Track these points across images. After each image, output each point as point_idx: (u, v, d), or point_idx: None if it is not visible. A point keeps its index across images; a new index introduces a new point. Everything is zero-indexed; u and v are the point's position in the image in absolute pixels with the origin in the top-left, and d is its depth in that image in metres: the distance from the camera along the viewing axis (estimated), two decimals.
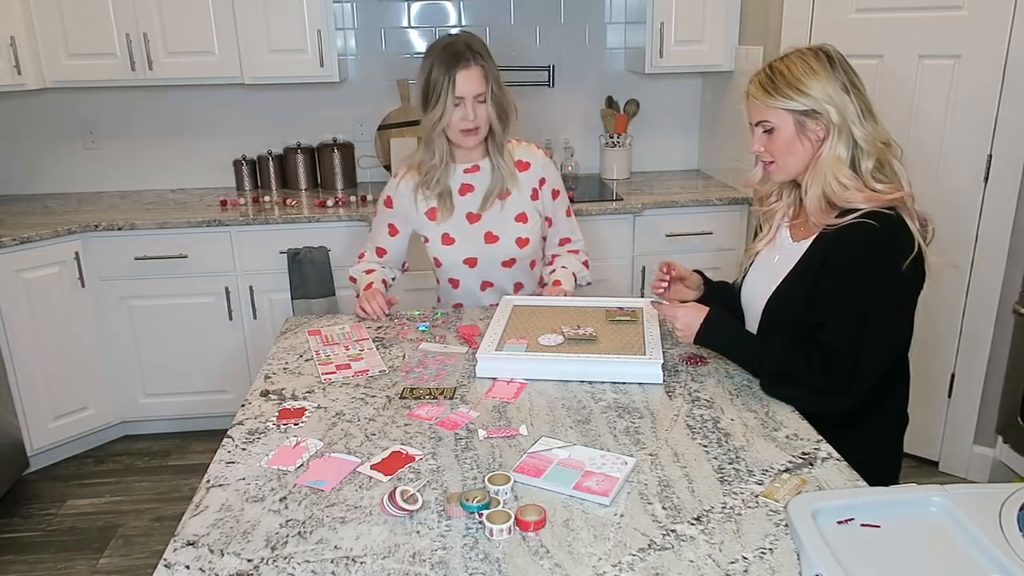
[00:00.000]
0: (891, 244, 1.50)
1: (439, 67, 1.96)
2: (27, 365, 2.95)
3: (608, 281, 3.23)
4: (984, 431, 2.80)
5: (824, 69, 1.56)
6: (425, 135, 2.06)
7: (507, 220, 2.13)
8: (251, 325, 3.19)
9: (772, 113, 1.58)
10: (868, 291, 1.51)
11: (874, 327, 1.51)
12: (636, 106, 3.65)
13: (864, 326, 1.50)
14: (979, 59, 2.55)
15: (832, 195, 1.56)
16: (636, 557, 1.12)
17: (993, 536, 1.07)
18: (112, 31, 3.10)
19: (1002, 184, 2.59)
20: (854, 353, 1.51)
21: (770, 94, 1.57)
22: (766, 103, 1.58)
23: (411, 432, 1.48)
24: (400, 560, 1.12)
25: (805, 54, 1.58)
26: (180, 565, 1.13)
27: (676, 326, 1.70)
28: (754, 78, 1.62)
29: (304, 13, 3.13)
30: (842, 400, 1.54)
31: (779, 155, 1.61)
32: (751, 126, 1.66)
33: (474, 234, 2.13)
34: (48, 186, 3.58)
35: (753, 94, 1.61)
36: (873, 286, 1.51)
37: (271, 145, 3.58)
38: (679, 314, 1.69)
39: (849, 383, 1.52)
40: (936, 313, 2.76)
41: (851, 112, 1.55)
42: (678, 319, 1.69)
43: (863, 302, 1.51)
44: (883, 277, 1.51)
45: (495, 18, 3.56)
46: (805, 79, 1.55)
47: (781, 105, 1.56)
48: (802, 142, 1.58)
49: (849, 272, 1.52)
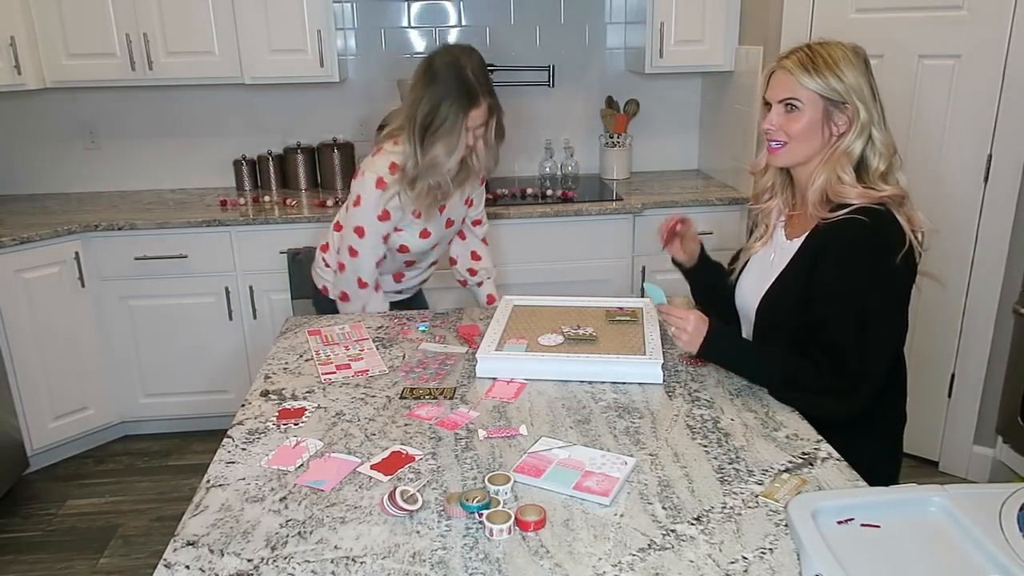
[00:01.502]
0: (883, 237, 1.51)
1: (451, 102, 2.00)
2: (27, 365, 2.95)
3: (608, 281, 3.24)
4: (984, 431, 2.80)
5: (862, 67, 1.57)
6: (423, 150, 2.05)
7: (459, 204, 2.30)
8: (251, 325, 3.19)
9: (804, 92, 1.56)
10: (865, 285, 1.51)
11: (876, 321, 1.51)
12: (636, 106, 3.65)
13: (866, 321, 1.50)
14: (979, 59, 2.55)
15: (829, 188, 1.56)
16: (636, 557, 1.12)
17: (993, 536, 1.07)
18: (112, 31, 3.10)
19: (1002, 184, 2.59)
20: (860, 348, 1.50)
21: (808, 72, 1.55)
22: (801, 80, 1.55)
23: (411, 432, 1.49)
24: (400, 560, 1.12)
25: (846, 47, 1.58)
26: (180, 565, 1.13)
27: (684, 334, 1.62)
28: (791, 54, 1.60)
29: (304, 13, 3.14)
30: (854, 398, 1.53)
31: (795, 137, 1.58)
32: (765, 104, 1.64)
33: (440, 222, 2.26)
34: (48, 186, 3.58)
35: (789, 68, 1.57)
36: (870, 280, 1.51)
37: (271, 145, 3.58)
38: (690, 320, 1.62)
39: (860, 379, 1.51)
40: (936, 313, 2.76)
41: (875, 115, 1.57)
42: (690, 324, 1.61)
43: (862, 296, 1.51)
44: (879, 270, 1.51)
45: (495, 18, 3.56)
46: (846, 69, 1.54)
47: (816, 86, 1.54)
48: (823, 130, 1.57)
49: (844, 268, 1.52)
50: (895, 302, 1.55)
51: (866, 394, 1.54)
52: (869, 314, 1.51)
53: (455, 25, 3.56)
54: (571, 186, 3.46)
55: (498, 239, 3.17)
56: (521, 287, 2.68)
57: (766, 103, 1.65)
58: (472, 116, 2.02)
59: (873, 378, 1.53)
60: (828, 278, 1.54)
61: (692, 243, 1.89)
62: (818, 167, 1.59)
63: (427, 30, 3.55)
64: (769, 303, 1.66)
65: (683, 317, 1.62)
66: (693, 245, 1.89)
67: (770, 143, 1.64)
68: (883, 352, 1.54)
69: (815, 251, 1.58)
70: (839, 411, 1.54)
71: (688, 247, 1.89)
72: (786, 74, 1.58)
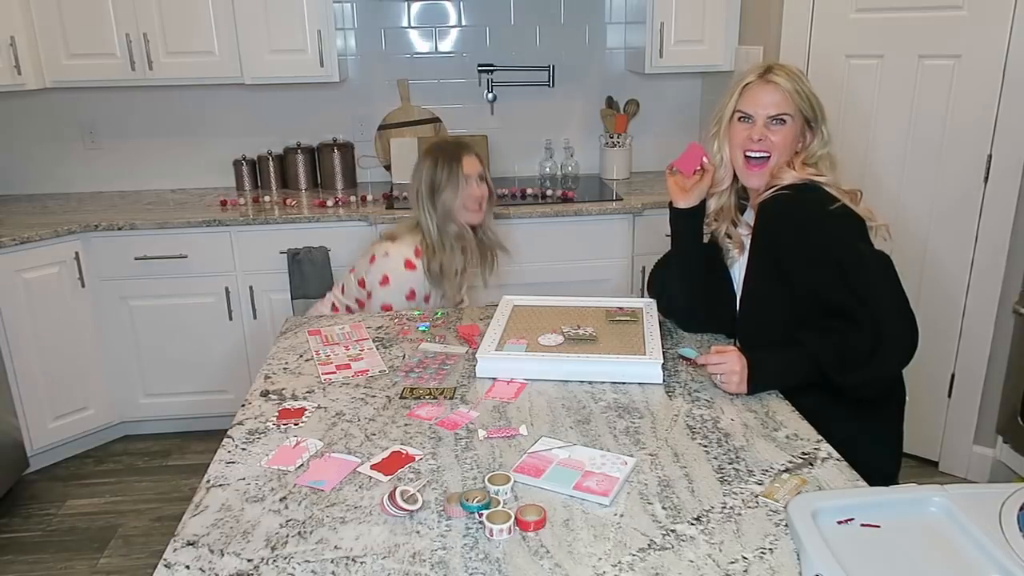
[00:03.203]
0: (813, 196, 1.58)
1: (444, 159, 2.27)
2: (27, 365, 2.95)
3: (608, 281, 3.24)
4: (984, 431, 2.80)
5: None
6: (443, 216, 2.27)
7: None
8: (251, 325, 3.19)
9: (792, 107, 1.65)
10: (820, 239, 1.55)
11: (857, 266, 1.52)
12: (636, 106, 3.65)
13: (848, 271, 1.52)
14: (979, 59, 2.55)
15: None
16: (636, 557, 1.12)
17: (993, 536, 1.07)
18: (112, 31, 3.10)
19: (1002, 184, 2.59)
20: (858, 297, 1.50)
21: (798, 89, 1.64)
22: (792, 96, 1.64)
23: (411, 432, 1.49)
24: (400, 560, 1.12)
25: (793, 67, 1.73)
26: (180, 565, 1.13)
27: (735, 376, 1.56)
28: (779, 69, 1.66)
29: (304, 13, 3.14)
30: (896, 339, 1.50)
31: (780, 150, 1.65)
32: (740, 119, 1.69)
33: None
34: (48, 186, 3.58)
35: (784, 84, 1.64)
36: (820, 232, 1.55)
37: (271, 145, 3.58)
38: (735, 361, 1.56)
39: (885, 323, 1.50)
40: (936, 313, 2.76)
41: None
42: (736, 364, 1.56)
43: (832, 251, 1.54)
44: (820, 221, 1.56)
45: (495, 18, 3.56)
46: (810, 88, 1.69)
47: (799, 102, 1.64)
48: (795, 144, 1.67)
49: (794, 236, 1.57)
50: (857, 240, 1.56)
51: (902, 327, 1.51)
52: (843, 262, 1.52)
53: (455, 25, 3.56)
54: (571, 186, 3.47)
55: None
56: (521, 287, 2.68)
57: (742, 117, 1.68)
58: (465, 163, 2.26)
59: (893, 313, 1.51)
60: (788, 250, 1.58)
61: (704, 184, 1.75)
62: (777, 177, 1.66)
63: (427, 30, 3.55)
64: (746, 290, 1.71)
65: (724, 360, 1.57)
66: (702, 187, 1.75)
67: (752, 158, 1.67)
68: (885, 288, 1.52)
69: (761, 235, 1.64)
70: (892, 360, 1.53)
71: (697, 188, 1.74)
72: (777, 89, 1.64)
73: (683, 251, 1.81)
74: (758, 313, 1.71)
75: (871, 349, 1.51)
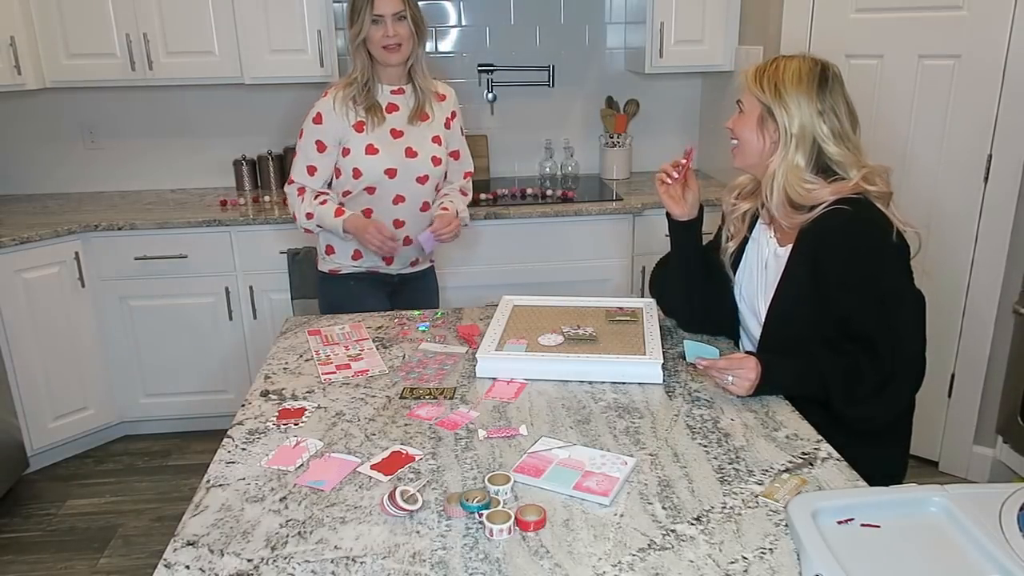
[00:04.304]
0: (870, 219, 1.55)
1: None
2: (27, 365, 2.95)
3: (608, 281, 3.24)
4: (984, 431, 2.80)
5: (811, 85, 1.60)
6: (351, 51, 2.26)
7: (425, 139, 2.34)
8: (251, 325, 3.19)
9: (747, 96, 1.67)
10: (874, 269, 1.53)
11: (894, 301, 1.52)
12: (636, 106, 3.65)
13: (885, 302, 1.52)
14: (979, 59, 2.55)
15: (800, 199, 1.60)
16: (636, 557, 1.12)
17: (993, 536, 1.07)
18: (112, 31, 3.10)
19: (1002, 184, 2.59)
20: (889, 334, 1.51)
21: (754, 77, 1.66)
22: (748, 84, 1.67)
23: (411, 432, 1.49)
24: (400, 560, 1.12)
25: (804, 62, 1.63)
26: (180, 565, 1.13)
27: (747, 382, 1.55)
28: (758, 63, 1.71)
29: (304, 13, 3.13)
30: (904, 379, 1.53)
31: (740, 136, 1.70)
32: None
33: (396, 148, 2.30)
34: (48, 186, 3.58)
35: (744, 71, 1.71)
36: (876, 262, 1.53)
37: (271, 145, 3.58)
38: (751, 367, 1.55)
39: (900, 364, 1.52)
40: (936, 313, 2.74)
41: (821, 132, 1.59)
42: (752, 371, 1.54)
43: (874, 281, 1.53)
44: (879, 250, 1.54)
45: (495, 18, 3.56)
46: (787, 83, 1.60)
47: (755, 92, 1.64)
48: (759, 135, 1.66)
49: (848, 257, 1.55)
50: (905, 277, 1.57)
51: (912, 370, 1.54)
52: (886, 296, 1.52)
53: (455, 25, 3.56)
54: (571, 186, 3.47)
55: (498, 239, 3.18)
56: (521, 287, 2.68)
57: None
58: (378, 2, 2.18)
59: (913, 357, 1.54)
60: (835, 271, 1.56)
61: (694, 191, 1.81)
62: (767, 185, 1.64)
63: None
64: (778, 314, 1.67)
65: (742, 365, 1.56)
66: (695, 192, 1.81)
67: (732, 143, 1.74)
68: (915, 331, 1.55)
69: (808, 251, 1.60)
70: (901, 398, 1.56)
71: (691, 193, 1.81)
72: (743, 75, 1.69)
73: (682, 260, 1.84)
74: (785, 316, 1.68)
75: (881, 382, 1.52)
